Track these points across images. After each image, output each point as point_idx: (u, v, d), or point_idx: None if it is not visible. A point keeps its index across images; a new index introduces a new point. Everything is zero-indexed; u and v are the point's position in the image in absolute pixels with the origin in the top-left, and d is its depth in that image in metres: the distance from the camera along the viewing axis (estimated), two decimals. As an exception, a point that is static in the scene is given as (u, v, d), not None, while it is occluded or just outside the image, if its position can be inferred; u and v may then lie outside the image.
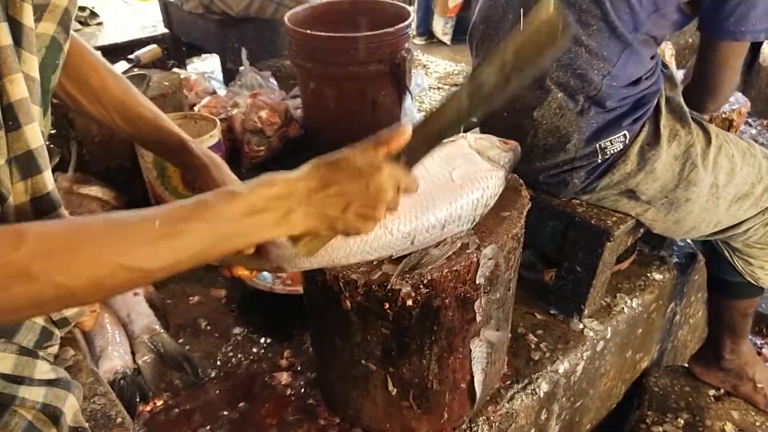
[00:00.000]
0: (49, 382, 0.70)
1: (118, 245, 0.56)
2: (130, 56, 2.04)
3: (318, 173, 0.69)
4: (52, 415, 0.68)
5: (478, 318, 1.02)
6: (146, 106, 0.94)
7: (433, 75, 2.98)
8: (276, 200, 0.65)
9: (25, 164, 0.63)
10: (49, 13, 0.66)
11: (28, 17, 0.61)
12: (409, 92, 2.05)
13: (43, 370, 0.70)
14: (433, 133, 0.76)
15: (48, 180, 0.66)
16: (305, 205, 0.67)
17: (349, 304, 0.96)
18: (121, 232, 0.57)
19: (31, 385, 0.68)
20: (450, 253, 0.95)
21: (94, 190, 1.71)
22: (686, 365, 1.78)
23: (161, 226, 0.58)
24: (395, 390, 1.06)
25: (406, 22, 1.93)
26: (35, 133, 0.63)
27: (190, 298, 1.52)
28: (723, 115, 1.64)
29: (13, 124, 0.61)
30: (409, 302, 0.94)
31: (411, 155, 0.75)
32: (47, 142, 0.88)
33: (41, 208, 0.66)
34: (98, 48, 2.48)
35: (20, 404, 0.67)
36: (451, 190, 0.96)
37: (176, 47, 2.86)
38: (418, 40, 5.06)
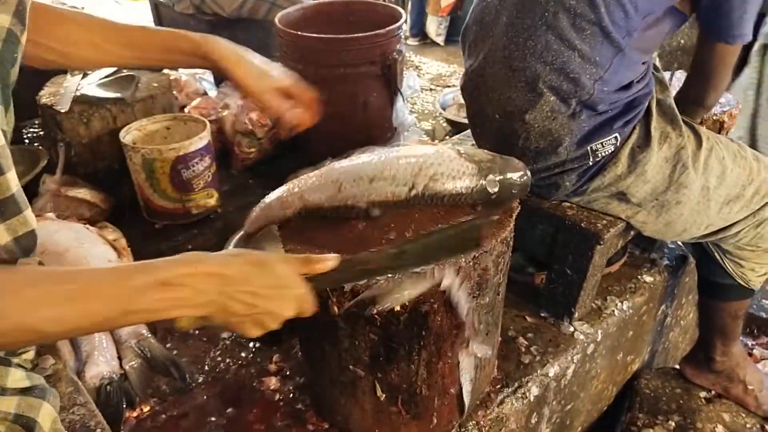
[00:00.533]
0: (23, 391, 0.69)
1: (24, 305, 0.57)
2: (120, 57, 2.02)
3: (242, 268, 0.70)
4: (26, 425, 0.67)
5: (467, 323, 1.02)
6: (131, 26, 0.97)
7: (426, 76, 2.98)
8: (194, 279, 0.66)
9: None
10: (2, 5, 0.64)
11: None
12: (401, 94, 2.04)
13: (16, 377, 0.69)
14: (349, 273, 0.83)
15: (12, 181, 0.63)
16: (217, 294, 0.68)
17: (336, 310, 0.95)
18: (32, 293, 0.58)
19: (3, 395, 0.66)
20: (414, 293, 0.91)
21: (82, 193, 1.70)
22: (677, 367, 1.78)
23: (76, 291, 0.59)
24: (384, 395, 1.06)
25: (398, 24, 1.92)
26: None
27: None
28: (714, 117, 1.64)
29: None
30: (397, 307, 0.93)
31: (321, 282, 0.79)
32: (37, 144, 0.87)
33: (6, 210, 0.64)
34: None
35: None
36: (386, 153, 0.97)
37: (167, 48, 2.84)
38: (411, 41, 5.06)
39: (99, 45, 0.94)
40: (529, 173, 1.05)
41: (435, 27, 5.10)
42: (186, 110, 2.06)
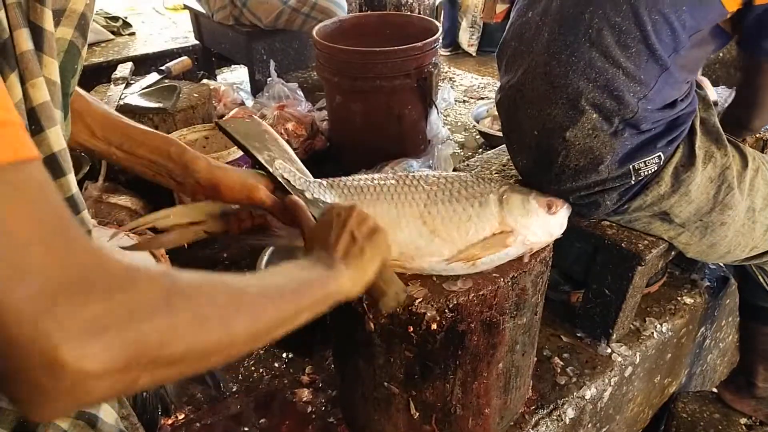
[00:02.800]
0: None
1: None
2: (162, 67, 2.07)
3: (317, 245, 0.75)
4: (89, 420, 0.69)
5: (504, 343, 1.01)
6: (132, 123, 0.94)
7: (459, 88, 2.97)
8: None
9: (49, 168, 0.61)
10: (66, 18, 0.67)
11: (48, 22, 0.61)
12: (435, 106, 2.04)
13: None
14: None
15: (72, 183, 0.65)
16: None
17: (372, 326, 0.95)
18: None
19: None
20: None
21: (123, 200, 1.74)
22: (715, 390, 1.72)
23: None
24: (417, 413, 1.05)
25: (434, 37, 1.93)
26: (58, 136, 0.63)
27: (214, 310, 1.52)
28: (757, 135, 1.60)
29: (36, 128, 0.60)
30: (434, 326, 0.92)
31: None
32: (78, 149, 0.88)
33: None
34: (130, 59, 2.52)
35: None
36: None
37: (206, 58, 2.90)
38: (443, 51, 5.06)
39: (96, 135, 0.91)
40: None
41: (467, 37, 5.10)
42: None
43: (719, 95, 1.78)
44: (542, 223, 1.00)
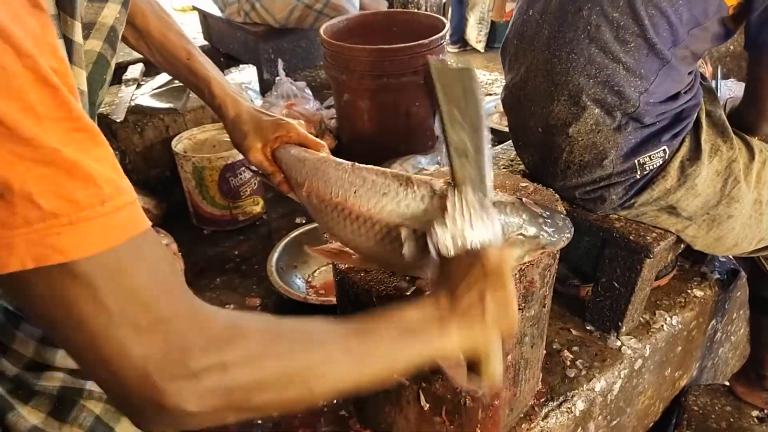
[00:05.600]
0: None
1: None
2: (171, 68, 2.10)
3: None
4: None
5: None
6: (182, 48, 1.03)
7: (467, 84, 2.97)
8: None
9: None
10: (96, 30, 0.70)
11: (78, 35, 0.64)
12: (443, 103, 2.05)
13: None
14: None
15: None
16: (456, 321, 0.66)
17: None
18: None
19: (90, 398, 0.70)
20: None
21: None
22: (727, 383, 1.72)
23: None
24: (428, 405, 1.06)
25: (441, 34, 1.93)
26: None
27: (226, 306, 1.54)
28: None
29: None
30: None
31: None
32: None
33: None
34: (140, 60, 2.55)
35: (88, 396, 0.69)
36: None
37: (215, 58, 2.92)
38: (451, 48, 5.07)
39: (152, 52, 1.03)
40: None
41: (475, 34, 5.10)
42: (233, 119, 2.11)
43: (729, 88, 1.78)
44: None
